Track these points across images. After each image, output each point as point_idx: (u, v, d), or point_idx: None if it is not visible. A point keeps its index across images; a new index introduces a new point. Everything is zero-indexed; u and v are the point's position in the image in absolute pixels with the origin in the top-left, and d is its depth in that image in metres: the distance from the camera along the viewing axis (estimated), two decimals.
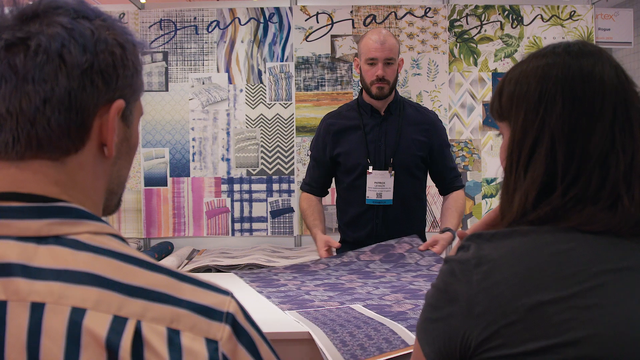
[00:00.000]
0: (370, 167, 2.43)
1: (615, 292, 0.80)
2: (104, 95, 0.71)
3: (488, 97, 3.48)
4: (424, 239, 2.55)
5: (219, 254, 3.19)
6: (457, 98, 3.48)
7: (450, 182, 2.56)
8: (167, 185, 3.44)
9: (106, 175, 0.76)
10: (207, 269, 2.89)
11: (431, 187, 2.68)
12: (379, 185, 2.43)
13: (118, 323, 0.62)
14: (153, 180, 3.44)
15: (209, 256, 3.13)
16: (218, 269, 2.88)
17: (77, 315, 0.62)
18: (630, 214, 0.85)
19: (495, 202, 3.50)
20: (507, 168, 0.93)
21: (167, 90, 3.43)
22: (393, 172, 2.43)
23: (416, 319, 1.54)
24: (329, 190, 2.62)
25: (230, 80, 3.44)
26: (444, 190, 2.58)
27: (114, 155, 0.75)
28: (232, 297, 0.69)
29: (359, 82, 2.49)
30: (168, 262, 2.95)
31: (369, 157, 2.44)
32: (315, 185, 2.58)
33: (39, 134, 0.68)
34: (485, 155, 3.49)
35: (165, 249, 3.32)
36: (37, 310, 0.62)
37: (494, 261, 0.84)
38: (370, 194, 2.44)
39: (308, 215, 2.52)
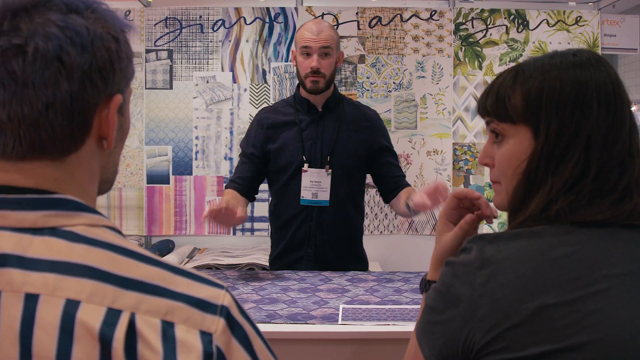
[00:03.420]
0: (306, 165, 2.23)
1: (620, 296, 0.80)
2: (102, 93, 0.70)
3: None
4: (359, 249, 2.41)
5: (219, 252, 3.19)
6: (461, 101, 3.48)
7: (398, 180, 2.33)
8: (169, 183, 3.44)
9: (102, 167, 0.76)
10: (208, 268, 2.89)
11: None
12: (315, 184, 2.24)
13: (112, 315, 0.62)
14: (155, 178, 3.44)
15: (210, 255, 3.13)
16: (218, 268, 2.88)
17: (71, 307, 0.62)
18: (637, 204, 0.86)
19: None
20: (531, 171, 0.91)
21: (171, 88, 3.43)
22: (330, 170, 2.25)
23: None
24: (255, 196, 2.36)
25: (234, 80, 3.44)
26: (392, 191, 2.33)
27: (112, 146, 0.75)
28: (227, 290, 0.68)
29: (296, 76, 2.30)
30: (169, 260, 2.95)
31: (304, 154, 2.25)
32: (241, 183, 2.27)
33: (42, 138, 0.67)
34: None
35: (167, 246, 3.32)
36: (31, 301, 0.62)
37: (497, 263, 0.83)
38: (305, 194, 2.24)
39: (225, 195, 2.23)
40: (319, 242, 2.27)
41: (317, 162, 2.25)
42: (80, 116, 0.69)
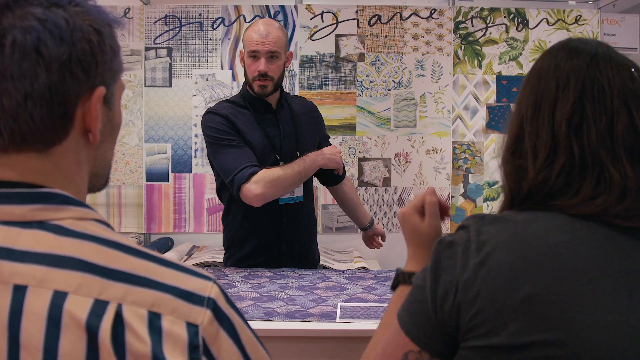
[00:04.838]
0: (282, 163, 2.17)
1: (609, 294, 0.79)
2: (84, 84, 0.70)
3: (492, 99, 3.47)
4: (316, 245, 2.43)
5: (218, 250, 3.19)
6: (460, 100, 3.47)
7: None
8: (168, 181, 3.44)
9: (90, 160, 0.76)
10: (207, 265, 2.90)
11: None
12: None
13: (99, 306, 0.62)
14: (154, 176, 3.44)
15: (209, 252, 3.14)
16: (217, 266, 2.88)
17: (58, 299, 0.62)
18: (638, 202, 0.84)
19: (496, 205, 3.49)
20: None
21: (170, 86, 3.43)
22: None
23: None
24: None
25: (234, 77, 3.44)
26: (333, 179, 2.38)
27: (99, 140, 0.74)
28: (215, 282, 0.69)
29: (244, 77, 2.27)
30: (166, 257, 2.95)
31: (277, 153, 2.21)
32: (258, 165, 2.11)
33: (22, 129, 0.67)
34: (488, 158, 3.48)
35: (166, 244, 3.33)
36: (19, 292, 0.62)
37: (492, 247, 0.82)
38: None
39: (292, 164, 2.13)
40: (292, 242, 2.27)
41: (288, 158, 2.20)
42: (61, 107, 0.69)
